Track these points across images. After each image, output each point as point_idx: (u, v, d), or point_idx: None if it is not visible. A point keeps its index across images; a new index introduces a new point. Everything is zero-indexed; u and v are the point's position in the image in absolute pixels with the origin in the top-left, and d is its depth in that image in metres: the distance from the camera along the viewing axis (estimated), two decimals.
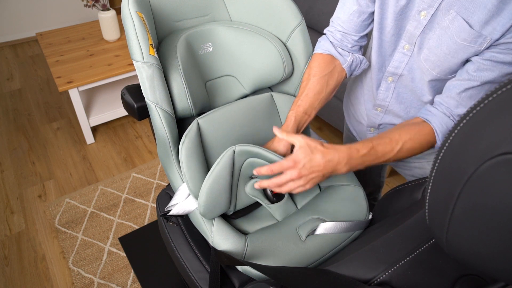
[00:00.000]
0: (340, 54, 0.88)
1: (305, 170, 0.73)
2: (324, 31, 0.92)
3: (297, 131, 0.87)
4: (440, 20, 0.71)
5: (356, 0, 0.82)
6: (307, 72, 0.90)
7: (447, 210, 0.37)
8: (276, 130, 0.79)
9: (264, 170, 0.75)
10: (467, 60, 0.72)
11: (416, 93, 0.84)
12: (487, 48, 0.67)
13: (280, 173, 0.75)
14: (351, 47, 0.89)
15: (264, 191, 0.89)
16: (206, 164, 0.88)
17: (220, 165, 0.78)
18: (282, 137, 0.78)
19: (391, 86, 0.87)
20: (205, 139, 0.88)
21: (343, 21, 0.86)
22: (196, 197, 0.83)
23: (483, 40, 0.66)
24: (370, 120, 0.98)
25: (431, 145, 0.78)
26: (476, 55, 0.70)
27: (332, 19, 0.89)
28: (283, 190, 0.76)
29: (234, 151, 0.79)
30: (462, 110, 0.73)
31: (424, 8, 0.71)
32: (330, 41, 0.90)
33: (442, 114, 0.76)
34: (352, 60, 0.88)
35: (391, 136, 0.76)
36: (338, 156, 0.74)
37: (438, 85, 0.80)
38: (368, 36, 0.89)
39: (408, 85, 0.84)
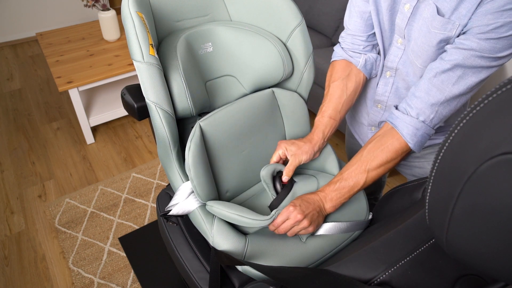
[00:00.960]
0: (351, 57, 0.92)
1: (304, 207, 0.79)
2: (339, 38, 0.96)
3: (324, 136, 0.92)
4: (421, 11, 0.73)
5: (355, 2, 0.86)
6: (327, 80, 0.95)
7: (447, 210, 0.37)
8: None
9: (278, 221, 0.80)
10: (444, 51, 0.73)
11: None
12: (458, 35, 0.69)
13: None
14: (362, 48, 0.91)
15: (273, 182, 0.91)
16: (210, 166, 0.89)
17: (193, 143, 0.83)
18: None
19: (389, 81, 0.89)
20: (208, 141, 0.88)
21: (350, 24, 0.90)
22: (204, 200, 0.84)
23: (452, 26, 0.67)
24: (371, 118, 0.99)
25: (403, 150, 0.79)
26: (449, 43, 0.71)
27: (343, 23, 0.94)
28: (291, 234, 0.81)
29: (199, 125, 0.86)
30: (433, 96, 0.74)
31: (408, 1, 0.74)
32: (342, 47, 0.94)
33: (407, 117, 0.77)
34: (365, 60, 0.91)
35: (358, 160, 0.82)
36: (316, 196, 0.83)
37: None
38: None
39: (405, 80, 0.86)
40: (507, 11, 0.60)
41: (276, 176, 0.91)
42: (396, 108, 0.80)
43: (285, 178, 0.90)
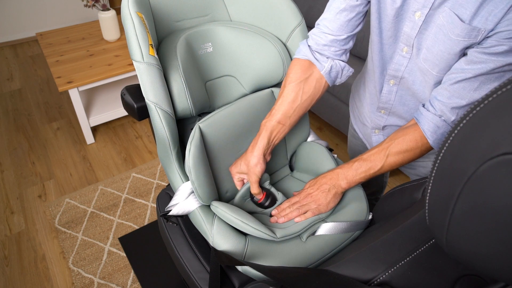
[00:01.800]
0: (317, 60, 0.85)
1: (312, 189, 0.86)
2: (308, 33, 0.88)
3: (269, 141, 0.86)
4: (435, 19, 0.70)
5: None
6: (284, 79, 0.89)
7: (447, 210, 0.37)
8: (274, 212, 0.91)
9: (286, 205, 0.89)
10: (464, 54, 0.72)
11: (418, 96, 0.84)
12: (482, 40, 0.67)
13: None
14: (333, 51, 0.85)
15: (254, 203, 0.92)
16: (210, 167, 0.89)
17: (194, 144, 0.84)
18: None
19: (393, 89, 0.87)
20: (208, 142, 0.88)
21: (329, 21, 0.82)
22: (205, 201, 0.84)
23: (477, 32, 0.65)
24: (374, 122, 0.98)
25: (422, 145, 0.79)
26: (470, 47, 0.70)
27: (317, 21, 0.85)
28: (302, 214, 0.86)
29: (199, 126, 0.86)
30: (455, 101, 0.73)
31: (418, 9, 0.71)
32: (309, 45, 0.87)
33: (429, 113, 0.77)
34: (331, 67, 0.85)
35: (379, 146, 0.82)
36: (332, 172, 0.86)
37: None
38: (355, 39, 0.87)
39: (410, 88, 0.84)
40: None
41: (252, 199, 0.92)
42: (423, 106, 0.80)
43: (257, 198, 0.90)
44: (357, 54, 2.24)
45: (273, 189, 0.93)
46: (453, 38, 0.68)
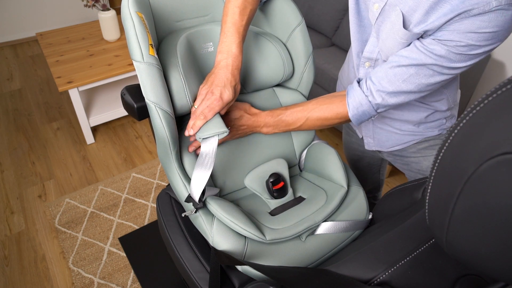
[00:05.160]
0: None
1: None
2: None
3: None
4: (388, 14, 0.74)
5: None
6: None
7: (447, 210, 0.37)
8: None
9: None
10: None
11: None
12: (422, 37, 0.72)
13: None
14: None
15: (267, 185, 0.90)
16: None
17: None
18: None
19: (369, 71, 0.89)
20: None
21: None
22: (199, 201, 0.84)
23: (416, 37, 0.72)
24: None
25: (342, 117, 0.84)
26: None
27: None
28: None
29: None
30: (383, 85, 0.77)
31: (377, 1, 0.76)
32: None
33: (359, 90, 0.81)
34: None
35: (304, 104, 0.89)
36: (255, 118, 0.89)
37: None
38: None
39: None
40: (470, 33, 0.65)
41: (269, 180, 0.91)
42: (358, 81, 0.85)
43: (275, 183, 0.89)
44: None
45: (288, 183, 0.93)
46: (397, 39, 0.74)
